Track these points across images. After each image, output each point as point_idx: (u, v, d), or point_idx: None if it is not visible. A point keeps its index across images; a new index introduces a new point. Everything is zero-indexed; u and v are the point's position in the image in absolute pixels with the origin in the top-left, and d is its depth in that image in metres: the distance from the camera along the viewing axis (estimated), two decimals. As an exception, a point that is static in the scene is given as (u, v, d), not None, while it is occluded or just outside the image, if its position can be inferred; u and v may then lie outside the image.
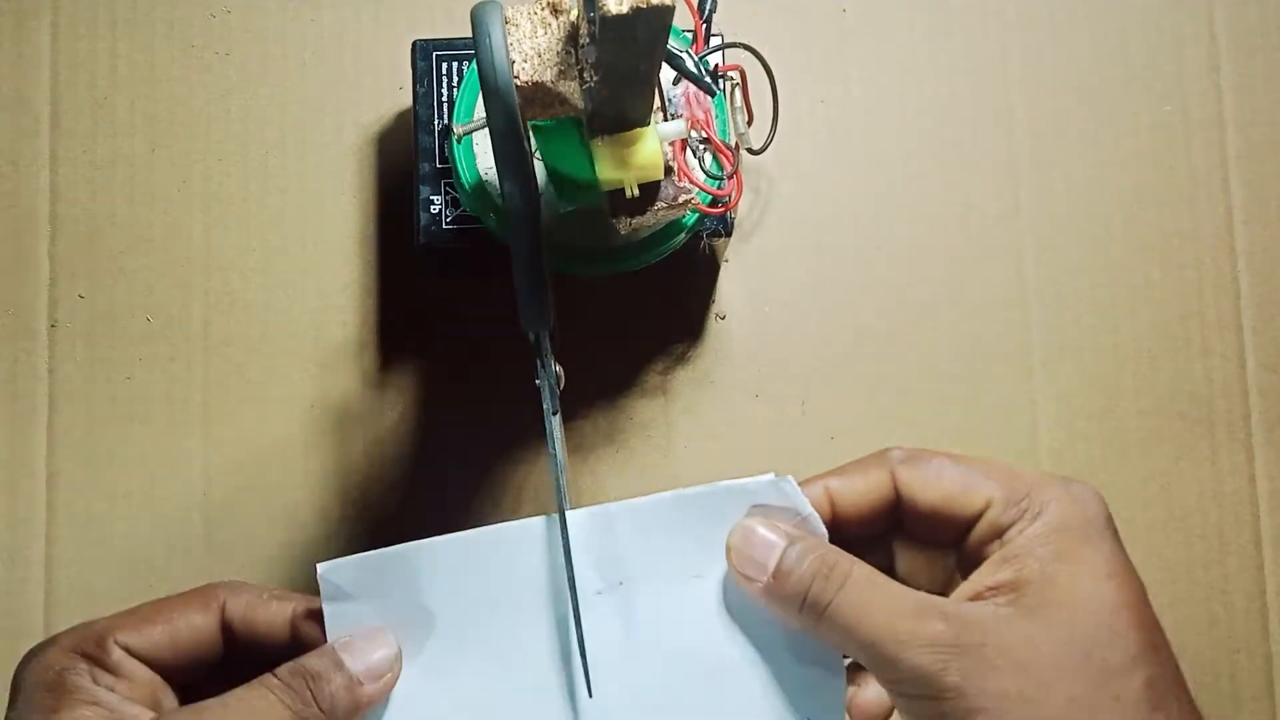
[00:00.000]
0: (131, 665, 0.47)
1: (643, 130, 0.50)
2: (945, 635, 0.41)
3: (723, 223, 0.61)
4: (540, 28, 0.44)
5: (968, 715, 0.40)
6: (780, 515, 0.47)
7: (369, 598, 0.48)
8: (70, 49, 0.70)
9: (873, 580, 0.44)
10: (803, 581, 0.44)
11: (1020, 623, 0.42)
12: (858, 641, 0.43)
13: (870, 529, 0.48)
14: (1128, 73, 0.70)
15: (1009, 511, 0.45)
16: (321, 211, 0.69)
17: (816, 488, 0.48)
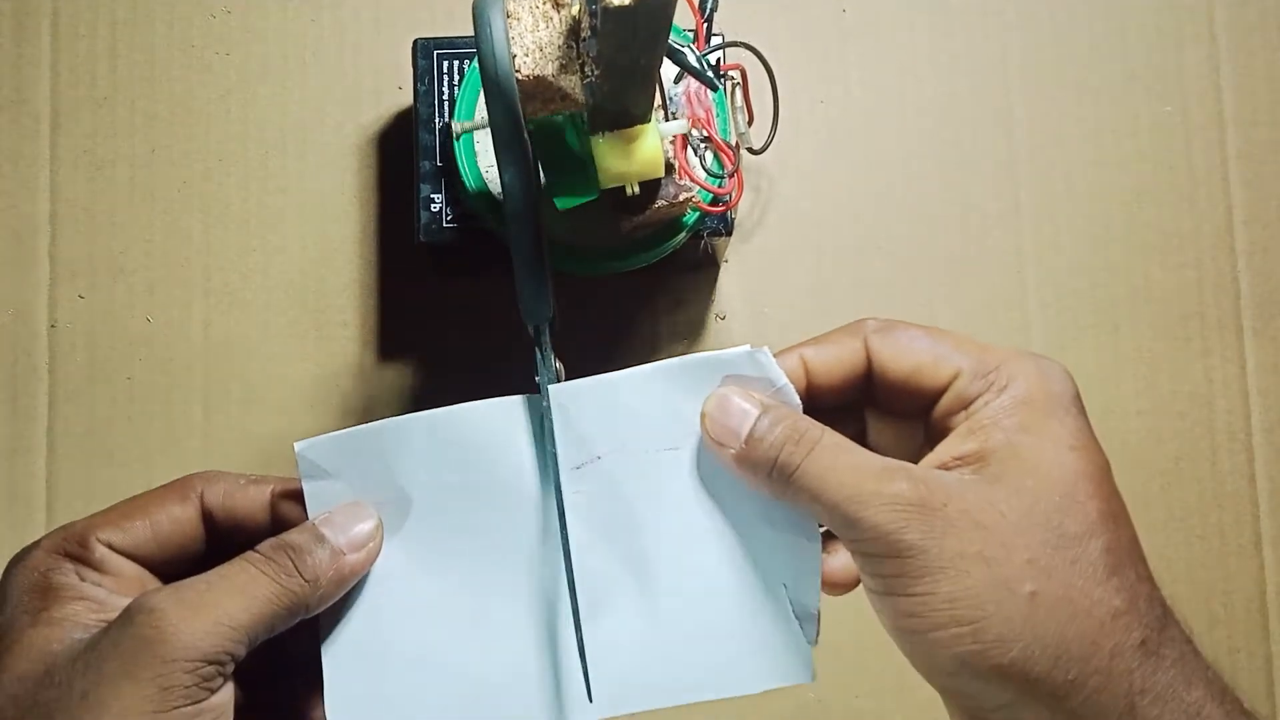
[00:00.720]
0: (116, 561, 0.46)
1: (644, 127, 0.50)
2: (908, 495, 0.42)
3: (723, 222, 0.61)
4: (542, 22, 0.44)
5: (926, 574, 0.41)
6: (755, 386, 0.47)
7: (347, 475, 0.48)
8: (70, 49, 0.70)
9: (840, 446, 0.44)
10: (773, 448, 0.45)
11: (983, 488, 0.42)
12: (823, 503, 0.43)
13: (843, 398, 0.49)
14: (1128, 73, 0.70)
15: (976, 383, 0.45)
16: (321, 211, 0.69)
17: (792, 357, 0.48)
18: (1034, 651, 0.40)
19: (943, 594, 0.41)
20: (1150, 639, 0.41)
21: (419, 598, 0.49)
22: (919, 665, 0.43)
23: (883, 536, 0.41)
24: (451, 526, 0.49)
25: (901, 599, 0.41)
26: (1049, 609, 0.40)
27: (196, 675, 0.42)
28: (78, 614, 0.44)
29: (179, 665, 0.41)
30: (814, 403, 0.48)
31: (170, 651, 0.41)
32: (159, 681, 0.41)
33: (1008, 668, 0.40)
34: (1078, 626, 0.40)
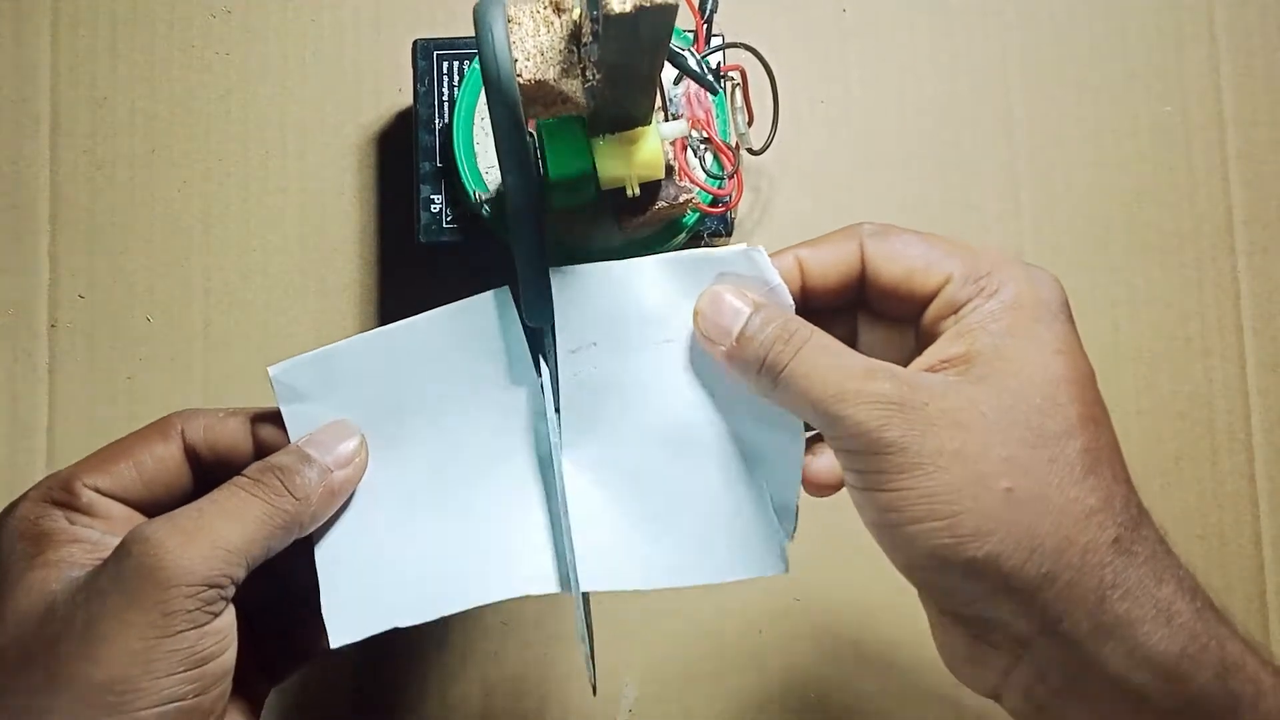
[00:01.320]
0: (105, 504, 0.47)
1: (644, 129, 0.50)
2: (890, 393, 0.42)
3: (723, 222, 0.61)
4: (543, 26, 0.44)
5: (905, 470, 0.42)
6: (750, 285, 0.48)
7: (325, 395, 0.49)
8: (70, 49, 0.69)
9: (828, 347, 0.45)
10: (763, 346, 0.45)
11: (966, 388, 0.43)
12: (809, 401, 0.44)
13: (837, 301, 0.49)
14: (1128, 73, 0.70)
15: (967, 288, 0.45)
16: (321, 211, 0.69)
17: (787, 257, 0.48)
18: (1008, 546, 0.41)
19: (921, 489, 0.41)
20: (1124, 537, 0.42)
21: (406, 498, 0.49)
22: (896, 560, 0.44)
23: (864, 433, 0.42)
24: (432, 428, 0.50)
25: (881, 494, 0.42)
26: (1024, 505, 0.41)
27: (198, 599, 0.42)
28: (73, 555, 0.44)
29: (180, 590, 0.42)
30: (808, 304, 0.49)
31: (170, 578, 0.42)
32: (161, 608, 0.42)
33: (982, 561, 0.41)
34: (1052, 522, 0.41)
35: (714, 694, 0.67)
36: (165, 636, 0.42)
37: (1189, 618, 0.41)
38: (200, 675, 0.43)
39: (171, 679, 0.42)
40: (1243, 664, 0.42)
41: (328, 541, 0.48)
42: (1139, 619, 0.41)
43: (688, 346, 0.49)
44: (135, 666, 0.41)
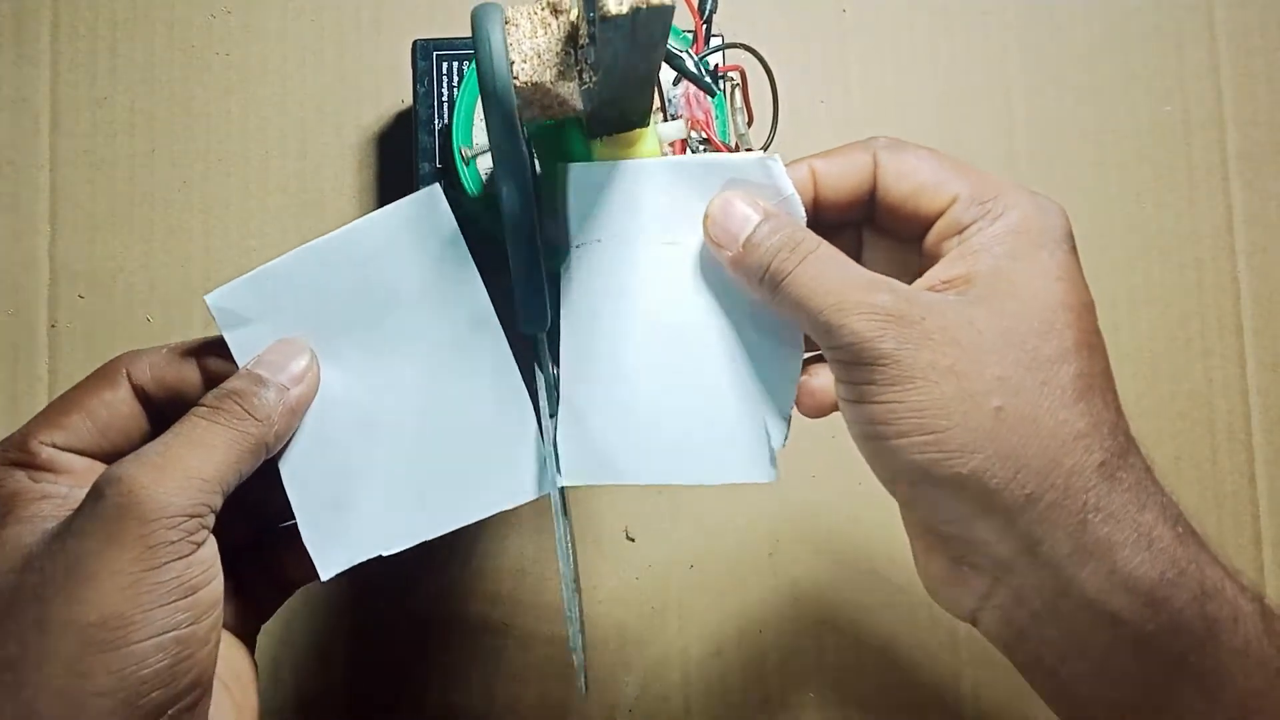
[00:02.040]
0: (65, 458, 0.46)
1: (642, 131, 0.50)
2: (888, 305, 0.42)
3: (723, 223, 0.61)
4: (540, 28, 0.44)
5: (897, 382, 0.42)
6: (763, 193, 0.48)
7: (266, 315, 0.49)
8: (70, 49, 0.70)
9: (833, 257, 0.45)
10: (768, 253, 0.45)
11: (964, 307, 0.43)
12: (808, 310, 0.44)
13: (847, 214, 0.49)
14: (1128, 73, 0.70)
15: (972, 209, 0.45)
16: (321, 211, 0.69)
17: (802, 167, 0.49)
18: (994, 464, 0.41)
19: (911, 402, 0.42)
20: (1109, 462, 0.42)
21: (365, 413, 0.49)
22: (881, 473, 0.45)
23: (860, 344, 0.42)
24: (381, 338, 0.49)
25: (871, 406, 0.42)
26: (1013, 424, 0.41)
27: (180, 530, 0.42)
28: (43, 510, 0.44)
29: (160, 524, 0.42)
30: (818, 217, 0.49)
31: (148, 512, 0.42)
32: (144, 541, 0.41)
33: (966, 477, 0.41)
34: (1039, 443, 0.41)
35: (714, 693, 0.67)
36: (151, 569, 0.41)
37: (1169, 543, 0.42)
38: (192, 604, 0.42)
39: (163, 609, 0.42)
40: (1221, 589, 0.42)
41: (292, 459, 0.48)
42: (1119, 543, 0.41)
43: (694, 250, 0.49)
44: (125, 602, 0.41)
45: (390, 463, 0.49)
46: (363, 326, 0.49)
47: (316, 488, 0.49)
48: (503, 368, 0.50)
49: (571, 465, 0.49)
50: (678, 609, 0.67)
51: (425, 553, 0.67)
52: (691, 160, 0.48)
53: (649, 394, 0.49)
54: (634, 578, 0.68)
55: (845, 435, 0.67)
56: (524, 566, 0.67)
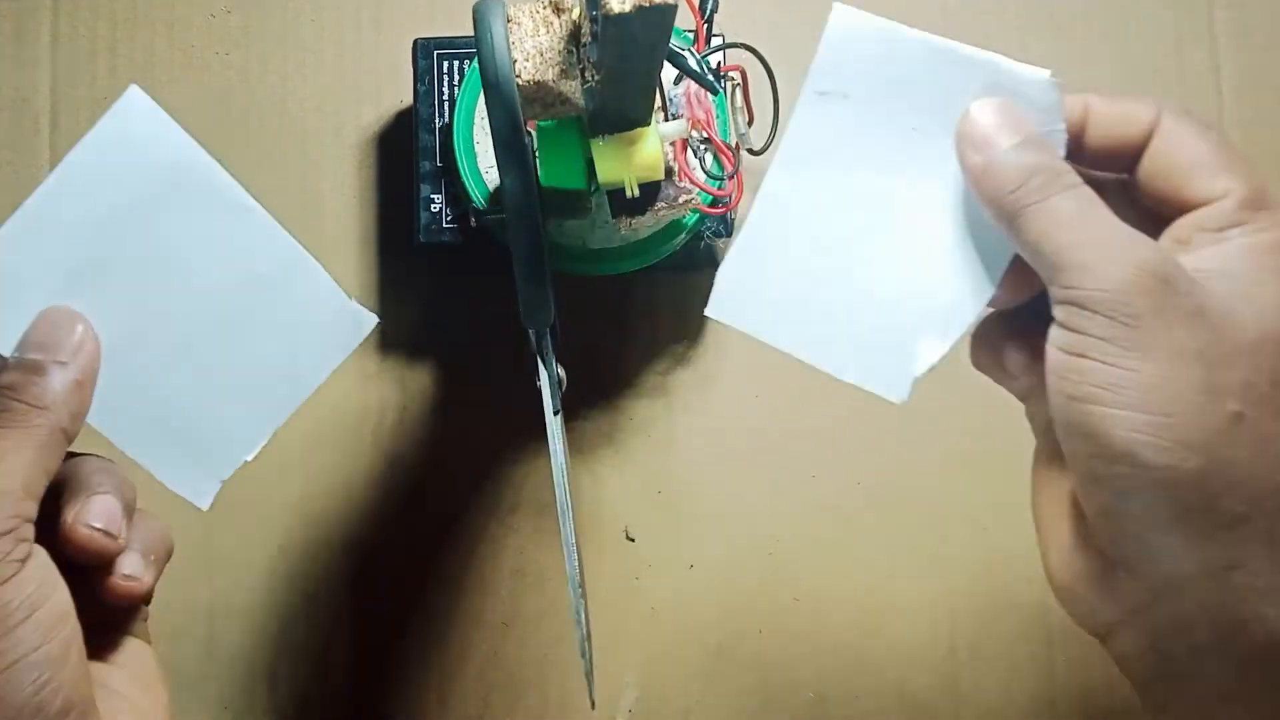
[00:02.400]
0: None
1: (644, 130, 0.50)
2: (1153, 264, 0.38)
3: (723, 223, 0.61)
4: (542, 26, 0.44)
5: (1138, 348, 0.38)
6: (1033, 117, 0.44)
7: (20, 279, 0.46)
8: (70, 49, 0.69)
9: (1096, 201, 0.41)
10: (1024, 172, 0.42)
11: (1226, 298, 0.39)
12: (1055, 243, 0.40)
13: (1100, 164, 0.45)
14: (1128, 73, 0.70)
15: (1240, 214, 0.41)
16: (321, 211, 0.69)
17: (1077, 100, 0.45)
18: (1216, 470, 0.37)
19: (1146, 374, 0.38)
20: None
21: (156, 329, 0.48)
22: (1074, 443, 0.40)
23: (1113, 291, 0.38)
24: (144, 250, 0.47)
25: (1097, 365, 0.38)
26: (1247, 435, 0.38)
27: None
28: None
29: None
30: (1071, 156, 0.44)
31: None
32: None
33: (1181, 476, 0.37)
34: (1268, 464, 0.38)
35: (714, 694, 0.67)
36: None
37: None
38: (35, 626, 0.40)
39: (6, 639, 0.40)
40: None
41: (105, 414, 0.46)
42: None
43: (937, 146, 0.45)
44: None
45: (206, 373, 0.48)
46: (121, 254, 0.47)
47: (144, 430, 0.47)
48: (273, 238, 0.49)
49: (722, 300, 0.46)
50: (677, 609, 0.67)
51: (423, 553, 0.67)
52: (972, 52, 0.46)
53: (827, 268, 0.46)
54: (634, 578, 0.68)
55: (846, 433, 0.67)
56: (523, 566, 0.67)
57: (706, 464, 0.67)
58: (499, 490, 0.67)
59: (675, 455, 0.67)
